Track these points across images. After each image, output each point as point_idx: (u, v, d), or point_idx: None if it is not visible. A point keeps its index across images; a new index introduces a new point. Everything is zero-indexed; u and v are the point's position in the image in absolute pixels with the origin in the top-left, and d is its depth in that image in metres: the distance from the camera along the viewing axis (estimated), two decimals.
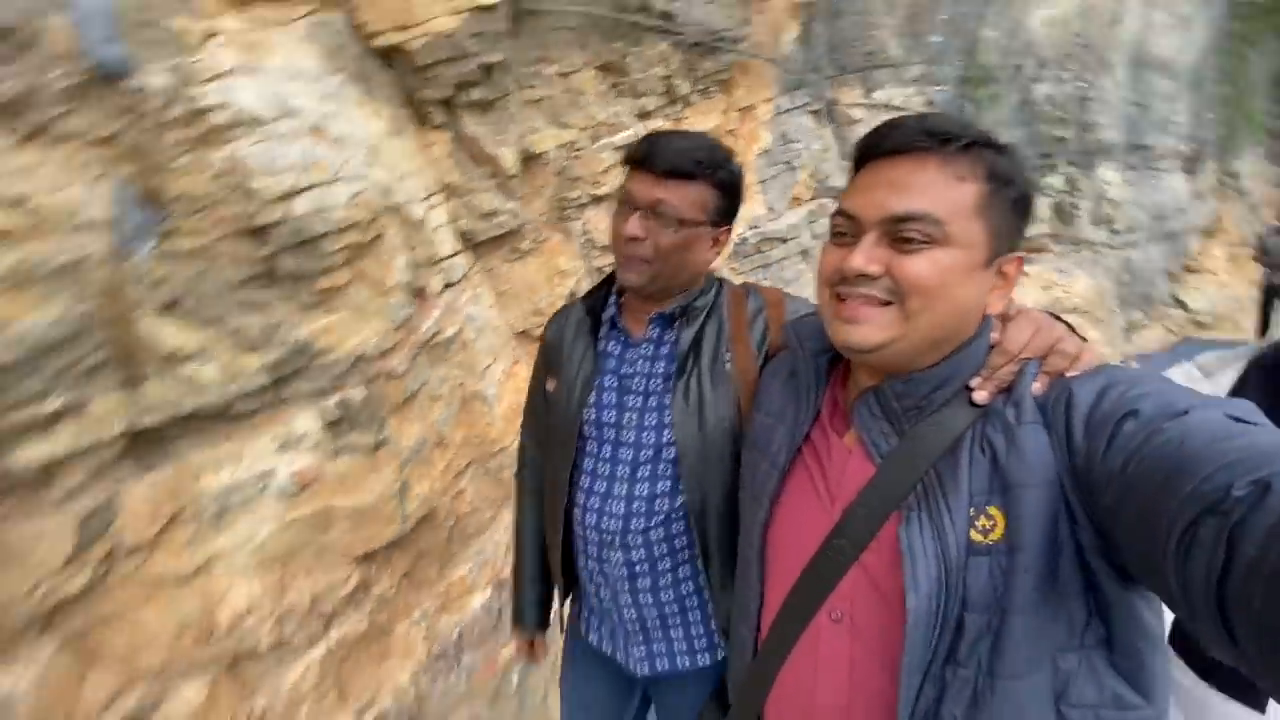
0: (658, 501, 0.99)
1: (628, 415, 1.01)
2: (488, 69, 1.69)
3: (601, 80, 2.18)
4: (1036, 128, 6.12)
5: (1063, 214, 6.50)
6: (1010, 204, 0.63)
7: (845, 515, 0.64)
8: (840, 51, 3.43)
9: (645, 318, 1.03)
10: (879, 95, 3.77)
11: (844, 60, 3.43)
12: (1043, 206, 6.18)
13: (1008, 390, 0.63)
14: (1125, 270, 6.82)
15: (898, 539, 0.61)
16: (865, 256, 0.62)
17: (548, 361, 1.12)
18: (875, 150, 0.65)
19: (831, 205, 3.40)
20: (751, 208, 3.02)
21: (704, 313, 1.01)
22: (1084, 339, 0.67)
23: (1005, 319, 0.66)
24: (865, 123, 3.70)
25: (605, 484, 1.02)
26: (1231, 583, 0.42)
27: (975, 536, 0.59)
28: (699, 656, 1.04)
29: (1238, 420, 0.50)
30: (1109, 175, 6.83)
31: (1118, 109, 6.93)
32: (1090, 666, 0.57)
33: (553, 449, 1.08)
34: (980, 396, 0.62)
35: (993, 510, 0.59)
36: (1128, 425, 0.53)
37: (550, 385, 1.10)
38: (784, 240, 3.24)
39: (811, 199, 3.44)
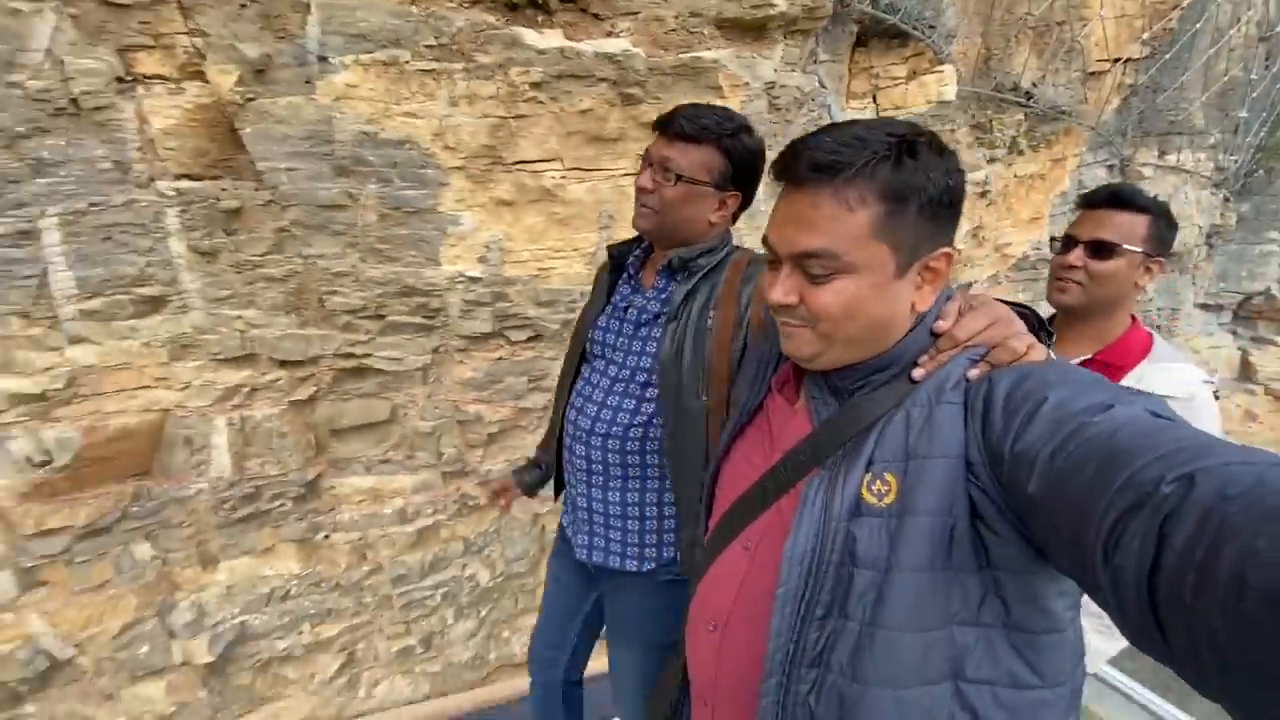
0: (620, 415, 1.14)
1: (620, 339, 1.18)
2: None
3: (970, 135, 3.24)
4: None
5: None
6: (918, 211, 0.64)
7: (776, 464, 0.72)
8: (1148, 119, 4.11)
9: (656, 268, 1.17)
10: (1170, 158, 4.38)
11: (1148, 126, 4.11)
12: None
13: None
14: None
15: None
16: (781, 289, 0.67)
17: (591, 295, 1.31)
18: (783, 177, 0.68)
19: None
20: (1039, 233, 3.93)
21: (704, 271, 1.12)
22: (1048, 336, 0.70)
23: (967, 307, 0.69)
24: (1153, 180, 4.37)
25: (590, 389, 1.19)
26: (1162, 575, 0.43)
27: (869, 498, 0.63)
28: (628, 561, 1.19)
29: (1158, 416, 0.52)
30: None
31: None
32: (988, 643, 0.60)
33: (566, 363, 1.30)
34: (918, 374, 0.67)
35: (889, 476, 0.63)
36: (1043, 409, 0.55)
37: (581, 312, 1.30)
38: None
39: None
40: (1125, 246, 1.17)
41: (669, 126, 1.08)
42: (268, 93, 1.62)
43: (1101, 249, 1.19)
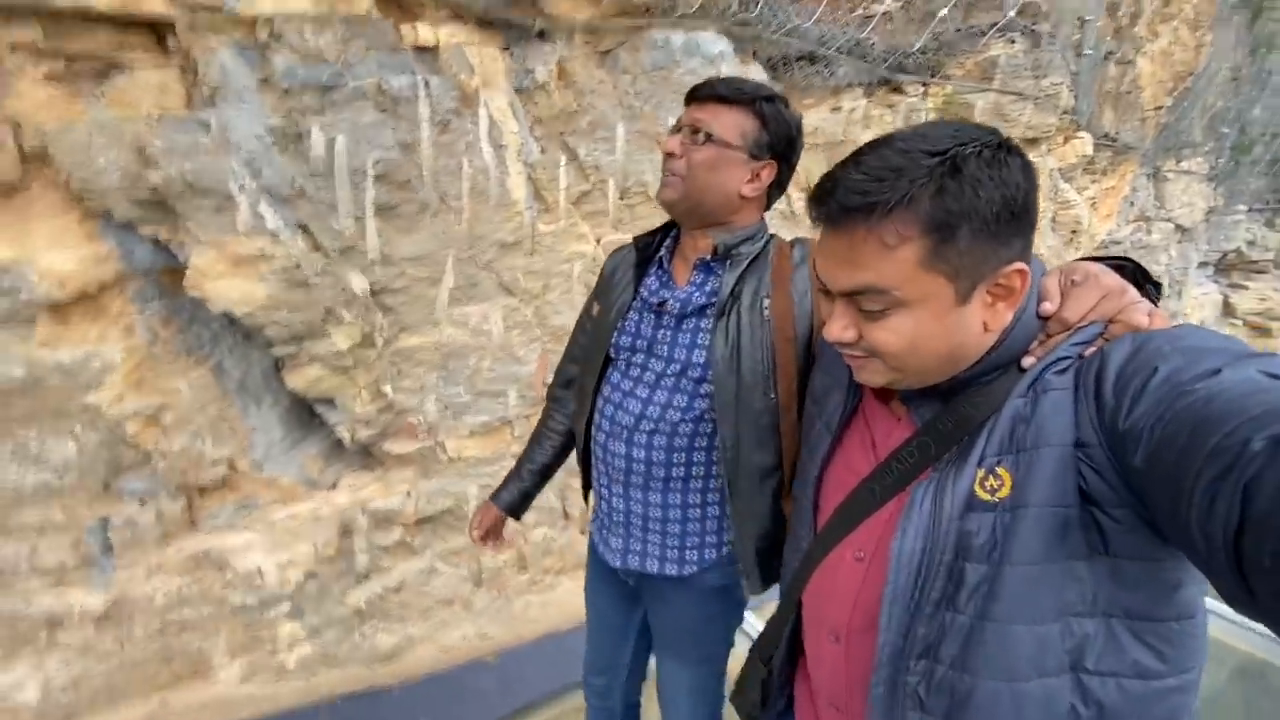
0: (669, 411, 1.08)
1: (661, 333, 1.11)
2: None
3: (1082, 168, 5.04)
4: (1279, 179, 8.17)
5: None
6: (972, 235, 0.60)
7: (880, 466, 0.70)
8: (1168, 139, 6.00)
9: (692, 261, 1.11)
10: (1183, 165, 6.33)
11: (1167, 144, 5.99)
12: (1271, 239, 8.27)
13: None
14: None
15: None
16: (839, 326, 0.66)
17: (599, 290, 1.26)
18: (817, 218, 0.65)
19: (1143, 225, 6.05)
20: (1111, 224, 5.75)
21: (749, 260, 1.06)
22: (1155, 287, 0.66)
23: (1068, 283, 0.65)
24: (1174, 180, 6.28)
25: (630, 385, 1.13)
26: (1246, 539, 0.43)
27: (982, 495, 0.62)
28: (667, 565, 1.13)
29: (1273, 376, 0.49)
30: None
31: None
32: (1110, 633, 0.58)
33: (588, 364, 1.22)
34: (1027, 362, 0.63)
35: (1001, 471, 0.61)
36: (1152, 382, 0.53)
37: (595, 310, 1.24)
38: (1118, 243, 5.97)
39: (1135, 221, 6.09)
40: None
41: (700, 91, 1.05)
42: None
43: None
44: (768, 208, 1.13)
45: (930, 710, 0.64)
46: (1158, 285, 0.67)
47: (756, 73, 2.99)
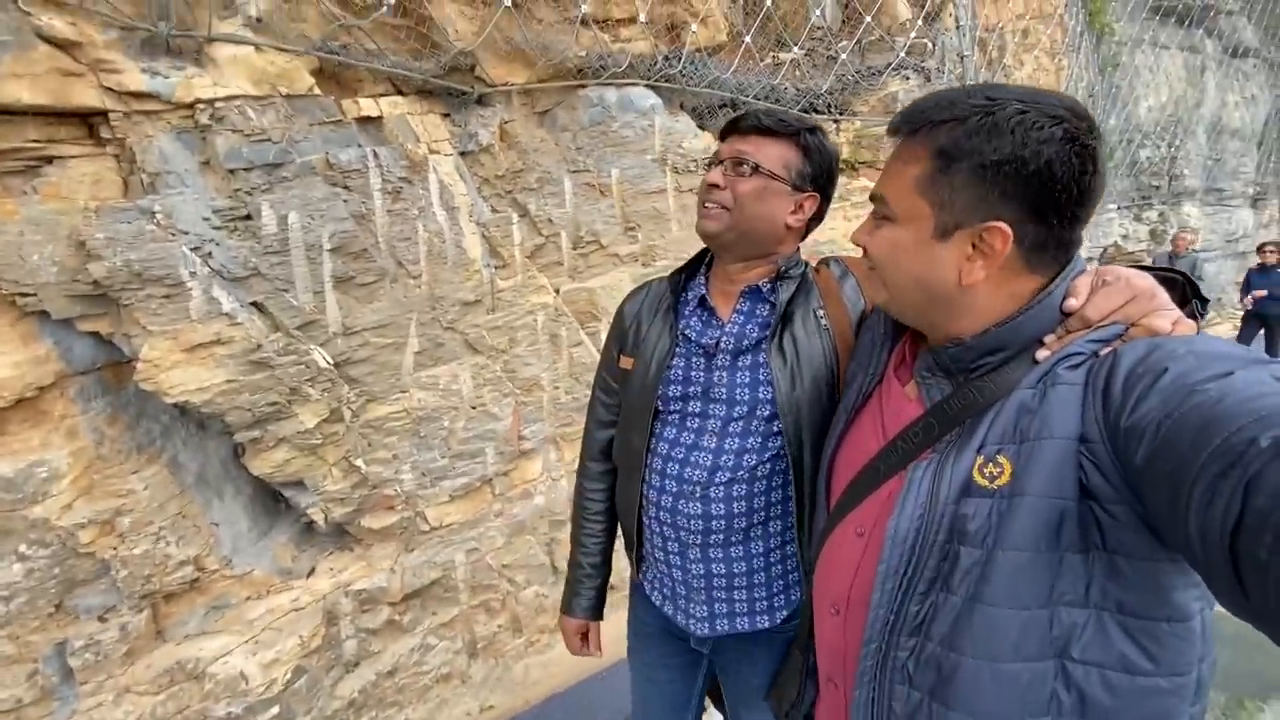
0: (745, 456, 1.02)
1: (717, 374, 1.05)
2: None
3: None
4: (1139, 179, 9.23)
5: (1155, 237, 9.53)
6: (968, 174, 0.62)
7: (887, 445, 0.73)
8: None
9: (735, 292, 1.08)
10: None
11: None
12: (1141, 231, 9.26)
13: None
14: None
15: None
16: (862, 229, 0.74)
17: (621, 338, 1.18)
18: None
19: None
20: None
21: (797, 281, 1.05)
22: (1199, 303, 0.65)
23: (1099, 283, 0.65)
24: None
25: (693, 437, 1.06)
26: (1243, 534, 0.43)
27: (980, 481, 0.63)
28: (759, 618, 1.07)
29: None
30: (1191, 210, 9.83)
31: (1198, 163, 9.91)
32: (1099, 626, 0.59)
33: (630, 422, 1.13)
34: (1041, 354, 0.64)
35: (1003, 459, 0.62)
36: (1161, 381, 0.53)
37: (626, 363, 1.15)
38: None
39: None
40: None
41: (741, 123, 1.04)
42: None
43: None
44: (803, 239, 1.13)
45: (917, 685, 0.66)
46: (1205, 302, 0.67)
47: (685, 122, 3.17)
